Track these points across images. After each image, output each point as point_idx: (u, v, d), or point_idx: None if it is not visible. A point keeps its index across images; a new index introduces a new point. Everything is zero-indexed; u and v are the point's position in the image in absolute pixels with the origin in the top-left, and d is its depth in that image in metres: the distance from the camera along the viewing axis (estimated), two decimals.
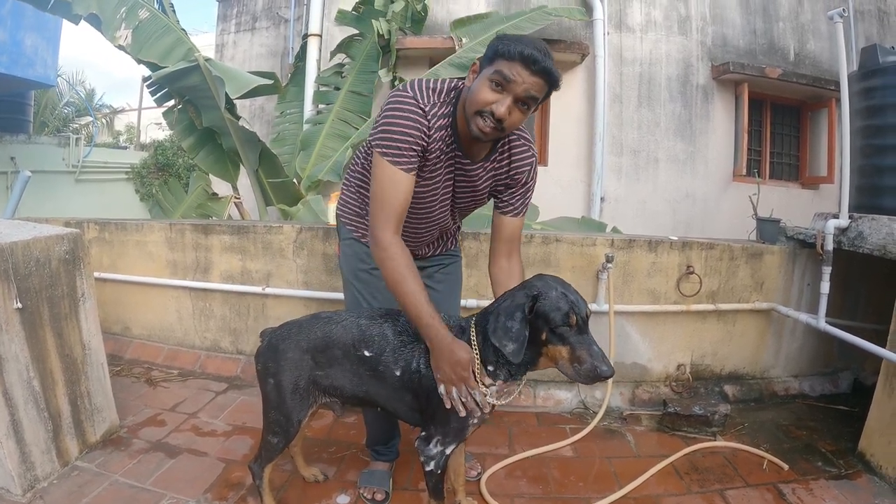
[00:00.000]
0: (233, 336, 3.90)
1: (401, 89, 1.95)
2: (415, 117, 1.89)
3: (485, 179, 2.12)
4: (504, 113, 1.81)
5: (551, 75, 1.80)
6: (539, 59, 1.75)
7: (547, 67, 1.77)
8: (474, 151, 2.04)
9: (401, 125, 1.88)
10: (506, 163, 2.11)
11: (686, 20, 7.24)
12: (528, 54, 1.75)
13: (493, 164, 2.10)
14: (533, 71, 1.77)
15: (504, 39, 1.80)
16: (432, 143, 1.94)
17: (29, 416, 2.40)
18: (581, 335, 1.74)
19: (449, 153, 2.01)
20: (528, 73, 1.77)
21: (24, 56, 8.38)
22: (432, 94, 1.94)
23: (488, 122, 1.82)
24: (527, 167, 2.14)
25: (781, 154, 7.98)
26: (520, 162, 2.12)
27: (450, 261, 2.51)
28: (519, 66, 1.76)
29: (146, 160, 12.35)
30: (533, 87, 1.80)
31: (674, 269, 3.58)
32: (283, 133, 6.79)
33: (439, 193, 2.10)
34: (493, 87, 1.80)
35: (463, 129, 1.95)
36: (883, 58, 3.74)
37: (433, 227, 2.25)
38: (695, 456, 2.92)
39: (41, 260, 2.48)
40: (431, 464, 1.95)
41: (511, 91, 1.79)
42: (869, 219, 3.23)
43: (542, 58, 1.76)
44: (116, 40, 5.09)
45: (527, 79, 1.78)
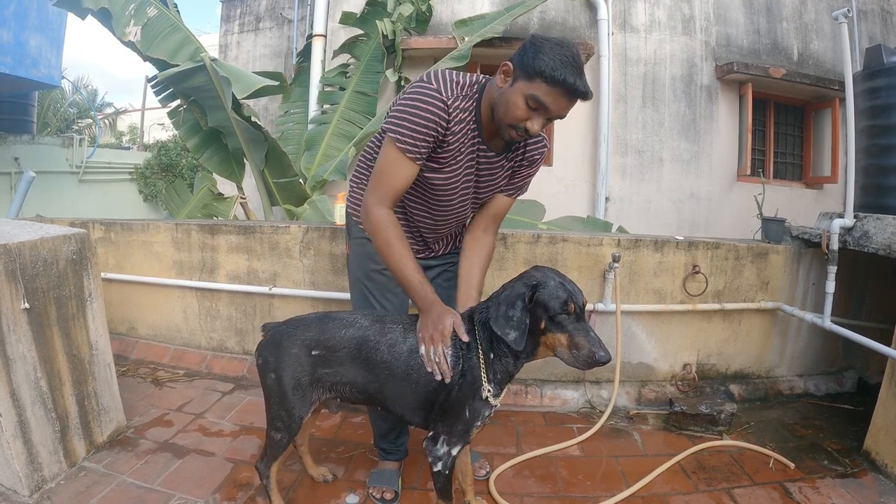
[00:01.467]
0: (239, 336, 3.91)
1: (425, 79, 1.95)
2: (435, 109, 1.89)
3: (505, 169, 2.19)
4: (538, 130, 1.89)
5: (586, 97, 1.82)
6: (579, 87, 1.77)
7: (584, 92, 1.79)
8: (495, 143, 2.09)
9: (419, 114, 1.89)
10: (521, 151, 2.19)
11: (690, 20, 7.24)
12: (570, 84, 1.75)
13: (514, 152, 2.18)
14: (571, 98, 1.81)
15: (544, 55, 1.76)
16: (450, 135, 1.96)
17: (36, 416, 2.41)
18: (578, 322, 1.80)
19: (471, 144, 2.05)
20: (566, 100, 1.81)
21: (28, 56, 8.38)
22: (456, 86, 1.95)
23: (521, 135, 1.91)
24: (538, 155, 2.21)
25: (785, 154, 7.97)
26: (532, 150, 2.20)
27: (457, 259, 2.48)
28: (559, 94, 1.78)
29: (149, 160, 12.36)
30: (566, 109, 1.86)
31: (680, 268, 3.58)
32: (288, 133, 6.80)
33: (460, 184, 2.12)
34: (529, 106, 1.82)
35: (486, 122, 2.01)
36: (887, 58, 3.74)
37: (452, 219, 2.27)
38: (701, 455, 2.92)
39: (48, 260, 2.49)
40: (439, 464, 1.96)
41: (546, 114, 1.84)
42: (874, 218, 3.23)
43: (582, 83, 1.77)
44: (126, 36, 5.10)
45: (563, 104, 1.83)
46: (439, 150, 2.00)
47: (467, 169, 2.10)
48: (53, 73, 9.06)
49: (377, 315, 2.12)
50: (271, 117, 8.49)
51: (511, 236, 3.50)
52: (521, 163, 2.21)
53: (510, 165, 2.19)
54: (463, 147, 2.02)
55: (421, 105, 1.89)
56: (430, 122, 1.89)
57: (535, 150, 2.20)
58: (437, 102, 1.89)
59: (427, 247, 2.39)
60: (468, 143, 2.03)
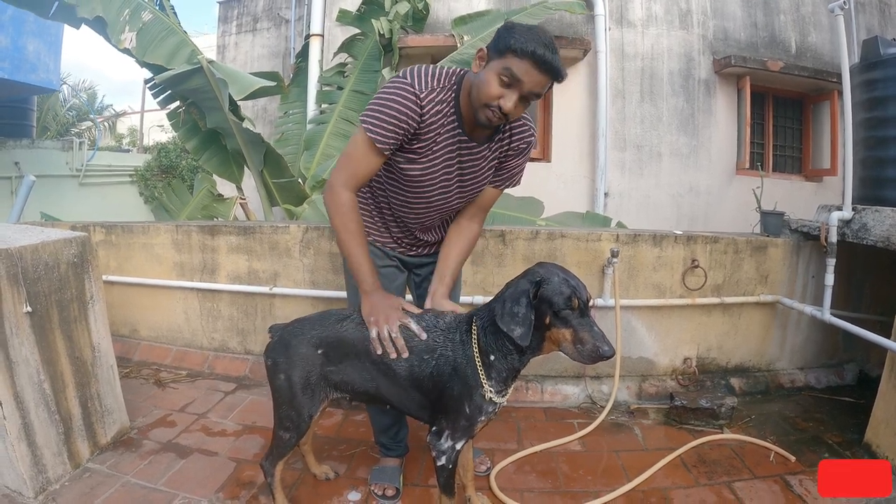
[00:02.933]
0: (241, 336, 3.92)
1: (401, 74, 2.00)
2: (407, 102, 1.94)
3: (490, 160, 2.17)
4: (511, 108, 1.87)
5: (559, 74, 1.84)
6: (549, 59, 1.79)
7: (556, 67, 1.81)
8: (477, 134, 2.09)
9: (390, 107, 1.94)
10: (506, 142, 2.17)
11: (687, 14, 7.23)
12: (539, 55, 1.77)
13: (497, 143, 2.15)
14: (542, 70, 1.81)
15: (515, 33, 1.81)
16: (425, 126, 1.99)
17: (40, 418, 2.42)
18: (583, 318, 1.81)
19: (450, 136, 2.05)
20: (538, 73, 1.81)
21: (27, 61, 8.41)
22: (432, 79, 1.98)
23: (495, 114, 1.89)
24: (525, 145, 2.19)
25: (784, 147, 7.96)
26: (518, 140, 2.17)
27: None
28: (529, 65, 1.80)
29: (149, 163, 12.38)
30: (539, 84, 1.85)
31: (679, 262, 3.59)
32: (287, 133, 6.80)
33: (439, 176, 2.12)
34: (501, 82, 1.84)
35: (466, 113, 2.01)
36: (884, 50, 3.73)
37: (434, 211, 2.26)
38: (702, 448, 2.93)
39: (50, 264, 2.50)
40: (443, 458, 1.98)
41: (519, 89, 1.84)
42: (872, 210, 3.24)
43: (552, 57, 1.79)
44: (122, 43, 5.09)
45: (535, 78, 1.82)
46: (415, 141, 2.03)
47: (446, 161, 2.09)
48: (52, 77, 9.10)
49: None
50: (270, 118, 8.50)
51: (510, 233, 3.51)
52: (507, 153, 2.19)
53: (495, 156, 2.18)
54: (440, 139, 2.04)
55: (394, 98, 1.94)
56: (401, 115, 1.94)
57: (522, 140, 2.18)
58: (410, 96, 1.94)
59: (416, 239, 2.39)
60: (446, 135, 2.04)
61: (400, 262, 2.44)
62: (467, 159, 2.12)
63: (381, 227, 2.37)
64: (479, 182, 2.22)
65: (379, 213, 2.35)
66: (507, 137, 2.16)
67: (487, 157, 2.15)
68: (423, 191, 2.16)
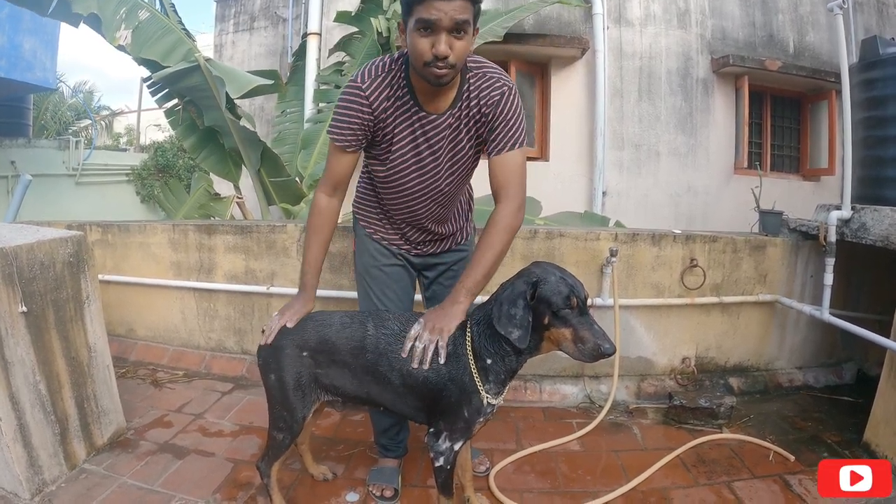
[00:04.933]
0: (238, 336, 3.91)
1: (352, 76, 2.05)
2: (354, 98, 1.98)
3: (461, 129, 2.07)
4: (445, 49, 1.79)
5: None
6: None
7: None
8: (438, 104, 2.02)
9: (342, 106, 2.01)
10: (474, 101, 2.03)
11: (685, 13, 7.23)
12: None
13: (462, 109, 2.04)
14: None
15: None
16: (378, 113, 2.01)
17: (36, 419, 2.40)
18: (582, 316, 1.79)
19: (407, 115, 2.03)
20: (444, 2, 1.74)
21: (23, 60, 8.39)
22: (376, 69, 2.00)
23: (438, 65, 1.82)
24: (496, 95, 2.01)
25: (782, 146, 7.98)
26: (487, 92, 2.02)
27: (459, 257, 2.47)
28: (431, 2, 1.74)
29: (146, 162, 12.35)
30: (456, 10, 1.76)
31: (677, 262, 3.58)
32: (284, 132, 6.78)
33: (410, 159, 2.10)
34: (423, 34, 1.80)
35: (420, 86, 1.97)
36: (883, 49, 3.73)
37: (424, 198, 2.21)
38: (701, 448, 2.92)
39: (45, 263, 2.48)
40: (441, 459, 1.97)
41: (440, 27, 1.77)
42: (871, 210, 3.23)
43: None
44: (116, 41, 5.07)
45: (445, 7, 1.75)
46: (378, 133, 2.06)
47: (412, 142, 2.07)
48: (48, 75, 9.08)
49: (371, 314, 2.12)
50: (268, 117, 8.49)
51: None
52: (483, 112, 2.04)
53: (467, 121, 2.05)
54: (398, 121, 2.03)
55: (343, 98, 2.01)
56: (351, 112, 1.99)
57: (490, 91, 2.02)
58: (355, 91, 1.98)
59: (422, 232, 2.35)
60: (403, 116, 2.02)
61: (407, 263, 2.42)
62: (432, 133, 2.05)
63: (386, 224, 2.36)
64: (461, 155, 2.13)
65: (384, 211, 2.33)
66: (474, 97, 2.03)
67: (455, 125, 2.06)
68: (402, 181, 2.15)
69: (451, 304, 1.99)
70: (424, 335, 1.92)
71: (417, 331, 1.94)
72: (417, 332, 1.94)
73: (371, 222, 2.38)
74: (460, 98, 2.02)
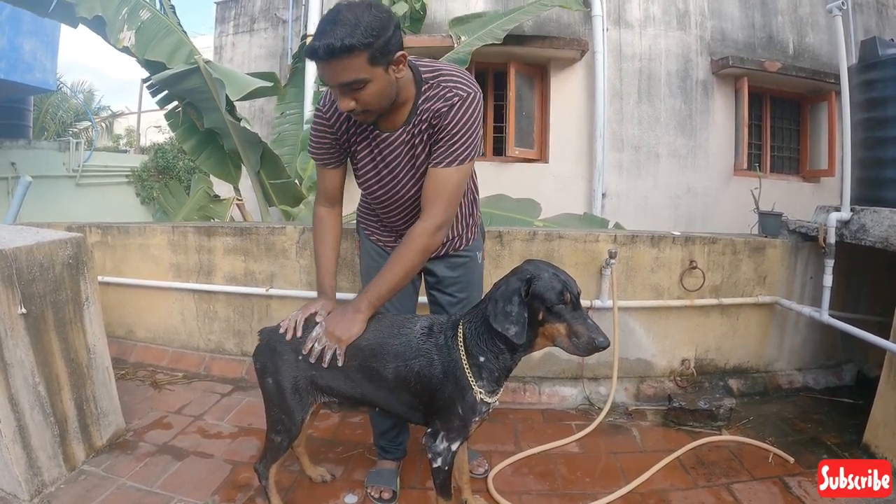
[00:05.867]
0: (237, 338, 3.90)
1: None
2: (318, 120, 2.11)
3: (416, 145, 2.02)
4: (346, 107, 1.83)
5: (337, 52, 1.68)
6: (318, 49, 1.69)
7: (329, 49, 1.67)
8: (394, 120, 2.01)
9: (312, 132, 2.15)
10: (426, 115, 1.96)
11: (685, 15, 7.24)
12: (310, 50, 1.72)
13: (416, 125, 1.99)
14: (324, 61, 1.72)
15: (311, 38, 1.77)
16: (341, 134, 2.10)
17: (35, 421, 2.41)
18: (575, 311, 1.82)
19: (364, 135, 2.08)
20: (324, 65, 1.74)
21: (23, 61, 8.40)
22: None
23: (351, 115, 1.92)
24: (443, 107, 1.93)
25: (782, 148, 7.99)
26: (437, 103, 1.94)
27: (459, 262, 2.41)
28: (317, 65, 1.77)
29: (146, 163, 12.37)
30: (337, 74, 1.74)
31: (677, 264, 3.58)
32: (284, 134, 6.79)
33: (372, 174, 2.16)
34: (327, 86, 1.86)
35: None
36: (882, 50, 3.73)
37: (392, 205, 2.22)
38: (700, 450, 2.92)
39: (45, 265, 2.49)
40: (439, 460, 1.97)
41: (331, 86, 1.83)
42: (871, 211, 3.23)
43: (322, 44, 1.67)
44: (120, 42, 5.06)
45: (326, 72, 1.76)
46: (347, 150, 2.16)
47: (371, 159, 2.12)
48: (48, 77, 9.08)
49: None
50: (267, 118, 8.48)
51: (507, 234, 3.50)
52: (430, 125, 1.97)
53: (422, 137, 2.00)
54: (358, 140, 2.10)
55: (313, 123, 2.15)
56: (318, 134, 2.13)
57: (439, 103, 1.93)
58: (319, 113, 2.10)
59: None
60: (361, 136, 2.08)
61: None
62: (387, 151, 2.06)
63: (382, 227, 2.38)
64: (422, 169, 2.07)
65: (377, 216, 2.35)
66: (426, 110, 1.96)
67: (409, 140, 2.02)
68: (371, 191, 2.22)
69: (353, 311, 2.02)
70: (324, 339, 2.00)
71: (319, 333, 2.02)
72: (318, 335, 2.01)
73: (369, 225, 2.42)
74: (414, 113, 1.98)
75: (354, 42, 1.67)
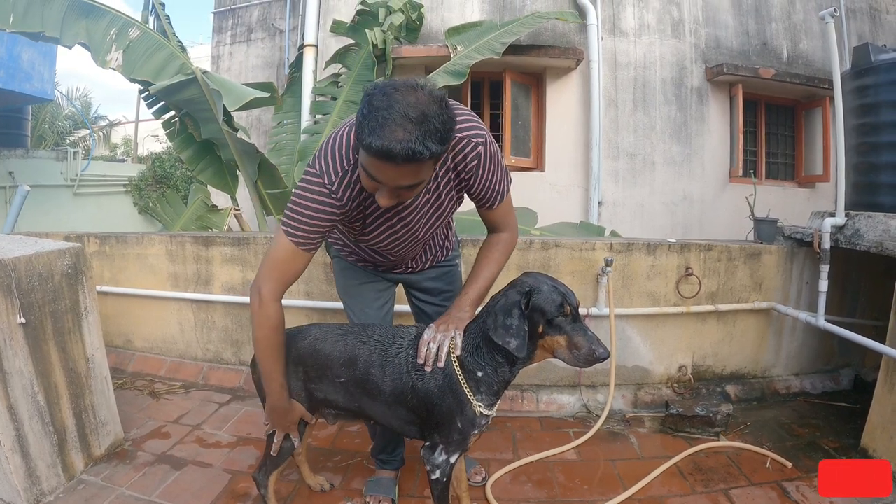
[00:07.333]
0: (235, 347, 3.91)
1: (311, 166, 1.80)
2: (322, 200, 1.77)
3: (441, 196, 1.95)
4: (387, 203, 1.67)
5: (419, 157, 1.48)
6: (397, 152, 1.46)
7: (412, 154, 1.47)
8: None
9: (308, 208, 1.78)
10: (451, 167, 1.87)
11: (679, 23, 7.27)
12: (384, 150, 1.46)
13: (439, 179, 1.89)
14: (397, 164, 1.50)
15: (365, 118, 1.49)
16: (349, 210, 1.84)
17: (34, 430, 2.41)
18: (575, 323, 1.83)
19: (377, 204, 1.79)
20: (390, 168, 1.52)
21: (21, 71, 8.42)
22: (340, 161, 1.76)
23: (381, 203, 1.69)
24: (473, 161, 1.84)
25: (777, 154, 8.01)
26: (463, 159, 1.84)
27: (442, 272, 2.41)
28: (378, 163, 1.52)
29: (144, 173, 12.37)
30: (404, 176, 1.56)
31: (673, 271, 3.59)
32: (281, 143, 6.80)
33: (384, 232, 1.99)
34: (368, 176, 1.60)
35: None
36: (875, 56, 3.77)
37: (401, 250, 2.13)
38: (698, 456, 2.93)
39: (44, 275, 2.50)
40: (437, 472, 1.97)
41: (385, 185, 1.60)
42: (865, 216, 3.25)
43: (403, 146, 1.46)
44: (107, 64, 5.06)
45: (391, 173, 1.54)
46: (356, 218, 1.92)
47: (385, 221, 1.94)
48: (47, 86, 9.10)
49: (362, 326, 2.15)
50: (264, 128, 8.50)
51: None
52: (460, 178, 1.90)
53: (443, 185, 1.91)
54: (367, 209, 1.89)
55: (309, 198, 1.77)
56: (319, 214, 1.78)
57: (464, 158, 1.84)
58: (323, 192, 1.76)
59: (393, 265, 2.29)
60: (373, 201, 1.80)
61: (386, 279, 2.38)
62: (406, 213, 1.94)
63: (363, 254, 2.24)
64: (439, 216, 2.03)
65: (360, 249, 2.21)
66: (450, 163, 1.86)
67: (431, 198, 1.94)
68: (378, 244, 2.06)
69: (457, 311, 2.01)
70: (438, 337, 1.93)
71: (430, 335, 1.95)
72: (431, 336, 1.94)
73: (343, 246, 2.29)
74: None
75: (440, 150, 1.53)
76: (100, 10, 5.09)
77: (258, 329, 1.89)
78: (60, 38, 4.92)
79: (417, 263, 2.31)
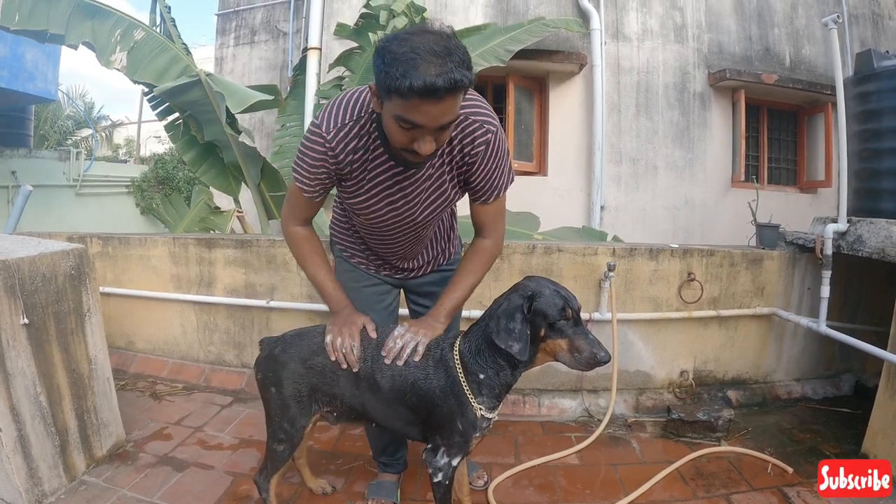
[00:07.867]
0: (237, 349, 3.91)
1: (316, 116, 1.87)
2: (317, 148, 1.82)
3: (440, 177, 1.94)
4: (429, 150, 1.65)
5: (459, 86, 1.51)
6: (440, 85, 1.46)
7: (454, 84, 1.49)
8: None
9: (306, 154, 1.86)
10: (458, 150, 1.87)
11: (682, 28, 7.29)
12: (427, 86, 1.46)
13: (444, 157, 1.89)
14: (439, 99, 1.50)
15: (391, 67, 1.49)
16: (344, 164, 1.85)
17: (36, 431, 2.41)
18: (577, 326, 1.84)
19: (382, 167, 1.87)
20: (433, 106, 1.52)
21: (25, 70, 8.44)
22: (340, 116, 1.81)
23: (418, 156, 1.67)
24: (480, 146, 1.85)
25: (779, 159, 8.02)
26: (471, 141, 1.84)
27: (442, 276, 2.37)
28: (419, 104, 1.51)
29: (146, 174, 12.39)
30: (446, 111, 1.56)
31: (675, 276, 3.60)
32: (284, 146, 6.79)
33: (384, 206, 1.97)
34: (402, 128, 1.59)
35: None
36: (878, 62, 3.77)
37: (400, 237, 2.13)
38: (700, 461, 2.93)
39: (47, 276, 2.50)
40: (439, 475, 1.97)
41: (425, 129, 1.59)
42: (867, 222, 3.26)
43: (444, 78, 1.47)
44: (111, 64, 5.08)
45: (435, 112, 1.54)
46: (346, 179, 1.92)
47: (386, 192, 1.93)
48: (50, 86, 9.12)
49: None
50: (268, 130, 8.50)
51: (506, 247, 3.51)
52: (465, 162, 1.89)
53: (446, 169, 1.91)
54: (370, 173, 1.89)
55: (307, 146, 1.85)
56: (314, 163, 1.85)
57: (473, 145, 1.85)
58: (319, 140, 1.81)
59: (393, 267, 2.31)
60: (376, 168, 1.87)
61: (387, 282, 2.38)
62: (408, 185, 1.92)
63: (364, 249, 2.29)
64: (443, 198, 2.00)
65: (360, 238, 2.26)
66: (457, 145, 1.86)
67: (435, 175, 1.92)
68: (376, 220, 2.03)
69: (433, 319, 2.04)
70: (407, 336, 1.98)
71: (400, 332, 2.00)
72: (400, 334, 1.99)
73: (347, 247, 2.33)
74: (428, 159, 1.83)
75: (472, 77, 1.55)
76: (105, 12, 5.11)
77: (294, 248, 2.13)
78: (65, 37, 4.95)
79: (418, 264, 2.32)
